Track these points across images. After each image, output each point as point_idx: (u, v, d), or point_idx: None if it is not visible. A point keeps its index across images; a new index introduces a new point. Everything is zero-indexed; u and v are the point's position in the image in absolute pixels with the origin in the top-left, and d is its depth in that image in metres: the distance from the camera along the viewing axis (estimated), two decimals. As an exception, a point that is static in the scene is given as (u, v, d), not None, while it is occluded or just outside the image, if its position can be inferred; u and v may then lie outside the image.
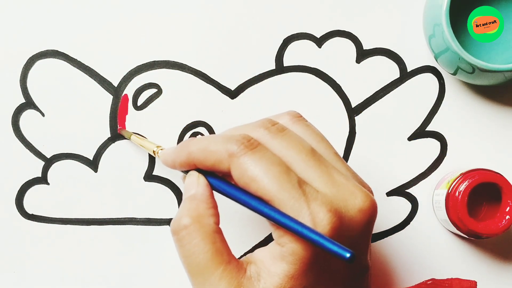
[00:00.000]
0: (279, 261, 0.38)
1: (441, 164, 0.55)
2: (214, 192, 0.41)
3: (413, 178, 0.55)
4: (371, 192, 0.41)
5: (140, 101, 0.54)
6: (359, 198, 0.39)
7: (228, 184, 0.40)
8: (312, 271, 0.38)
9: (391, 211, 0.54)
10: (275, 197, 0.37)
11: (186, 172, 0.42)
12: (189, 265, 0.39)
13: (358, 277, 0.40)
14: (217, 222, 0.40)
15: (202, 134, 0.54)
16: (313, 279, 0.38)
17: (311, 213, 0.37)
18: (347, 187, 0.39)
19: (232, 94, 0.54)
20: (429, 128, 0.55)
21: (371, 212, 0.39)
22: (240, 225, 0.54)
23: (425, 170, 0.55)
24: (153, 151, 0.48)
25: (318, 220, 0.37)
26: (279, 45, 0.54)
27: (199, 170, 0.41)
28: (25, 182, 0.53)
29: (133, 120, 0.54)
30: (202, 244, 0.38)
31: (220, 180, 0.41)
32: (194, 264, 0.38)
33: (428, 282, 0.52)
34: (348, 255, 0.35)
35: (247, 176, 0.38)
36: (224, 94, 0.54)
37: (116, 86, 0.54)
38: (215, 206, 0.40)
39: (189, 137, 0.54)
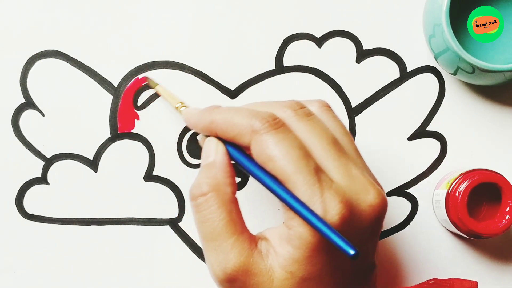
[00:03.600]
0: (285, 243, 0.38)
1: (441, 164, 0.55)
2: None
3: (413, 178, 0.55)
4: (383, 191, 0.42)
5: (140, 101, 0.54)
6: (372, 194, 0.39)
7: (246, 156, 0.40)
8: (317, 258, 0.38)
9: (391, 211, 0.54)
10: (290, 180, 0.38)
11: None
12: (203, 230, 0.40)
13: (364, 273, 0.41)
14: (234, 192, 0.41)
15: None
16: (319, 267, 0.38)
17: (323, 201, 0.37)
18: (361, 182, 0.39)
19: (232, 94, 0.54)
20: (429, 128, 0.55)
21: (381, 209, 0.40)
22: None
23: (425, 170, 0.55)
24: (176, 107, 0.48)
25: (329, 209, 0.37)
26: (279, 45, 0.54)
27: (219, 137, 0.42)
28: (25, 182, 0.53)
29: (132, 119, 0.54)
30: (218, 212, 0.39)
31: (238, 150, 0.41)
32: (208, 230, 0.39)
33: (430, 282, 0.52)
34: (352, 252, 0.35)
35: (265, 154, 0.38)
36: (224, 94, 0.54)
37: (116, 86, 0.54)
38: (232, 175, 0.41)
39: (189, 137, 0.54)
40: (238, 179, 0.53)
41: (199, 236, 0.40)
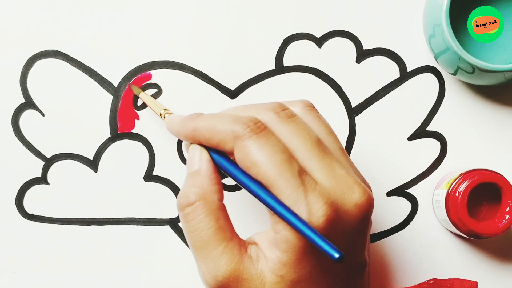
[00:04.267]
0: (273, 247, 0.38)
1: (441, 164, 0.55)
2: None
3: (413, 178, 0.55)
4: (370, 189, 0.42)
5: (140, 101, 0.54)
6: (357, 193, 0.39)
7: (230, 162, 0.40)
8: (306, 260, 0.38)
9: (391, 211, 0.54)
10: (274, 184, 0.38)
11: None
12: (192, 240, 0.40)
13: (355, 272, 0.40)
14: (221, 199, 0.40)
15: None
16: (308, 269, 0.38)
17: (307, 204, 0.37)
18: (346, 181, 0.39)
19: (232, 94, 0.54)
20: (429, 128, 0.55)
21: (367, 207, 0.39)
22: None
23: (425, 170, 0.55)
24: (160, 113, 0.48)
25: (314, 211, 0.37)
26: (279, 45, 0.54)
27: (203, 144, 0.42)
28: (25, 182, 0.53)
29: (132, 119, 0.54)
30: (206, 220, 0.39)
31: (222, 156, 0.41)
32: (197, 239, 0.39)
33: (430, 282, 0.52)
34: (336, 255, 0.35)
35: (249, 160, 0.38)
36: (224, 94, 0.54)
37: (116, 86, 0.54)
38: (219, 182, 0.41)
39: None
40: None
41: (189, 246, 0.40)
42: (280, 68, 0.54)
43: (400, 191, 0.55)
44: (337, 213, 0.38)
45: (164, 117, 0.48)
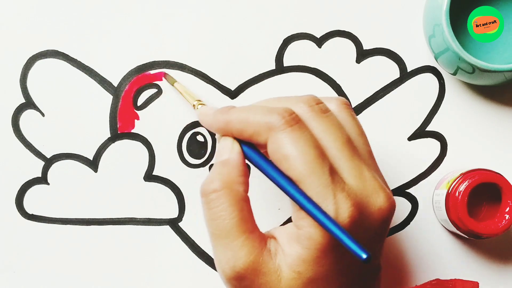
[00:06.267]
0: (294, 243, 0.38)
1: (441, 164, 0.55)
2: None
3: (413, 178, 0.55)
4: (392, 194, 0.42)
5: (140, 101, 0.54)
6: (382, 197, 0.39)
7: (261, 156, 0.40)
8: (326, 259, 0.38)
9: (391, 211, 0.54)
10: (304, 180, 0.37)
11: None
12: (213, 228, 0.39)
13: (370, 275, 0.41)
14: (246, 191, 0.40)
15: (202, 135, 0.54)
16: (326, 267, 0.38)
17: (335, 203, 0.37)
18: (373, 184, 0.39)
19: (232, 94, 0.54)
20: (429, 128, 0.55)
21: (389, 212, 0.40)
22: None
23: (425, 170, 0.55)
24: (193, 105, 0.48)
25: (341, 211, 0.37)
26: (279, 45, 0.54)
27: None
28: (25, 182, 0.53)
29: (132, 119, 0.54)
30: (229, 209, 0.39)
31: (253, 150, 0.41)
32: (218, 228, 0.39)
33: (433, 282, 0.52)
34: (364, 256, 0.35)
35: (281, 153, 0.38)
36: (224, 94, 0.54)
37: (116, 86, 0.54)
38: (246, 174, 0.40)
39: (189, 137, 0.54)
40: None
41: (209, 233, 0.40)
42: (280, 68, 0.54)
43: (400, 191, 0.55)
44: (361, 215, 0.38)
45: (197, 108, 0.48)
